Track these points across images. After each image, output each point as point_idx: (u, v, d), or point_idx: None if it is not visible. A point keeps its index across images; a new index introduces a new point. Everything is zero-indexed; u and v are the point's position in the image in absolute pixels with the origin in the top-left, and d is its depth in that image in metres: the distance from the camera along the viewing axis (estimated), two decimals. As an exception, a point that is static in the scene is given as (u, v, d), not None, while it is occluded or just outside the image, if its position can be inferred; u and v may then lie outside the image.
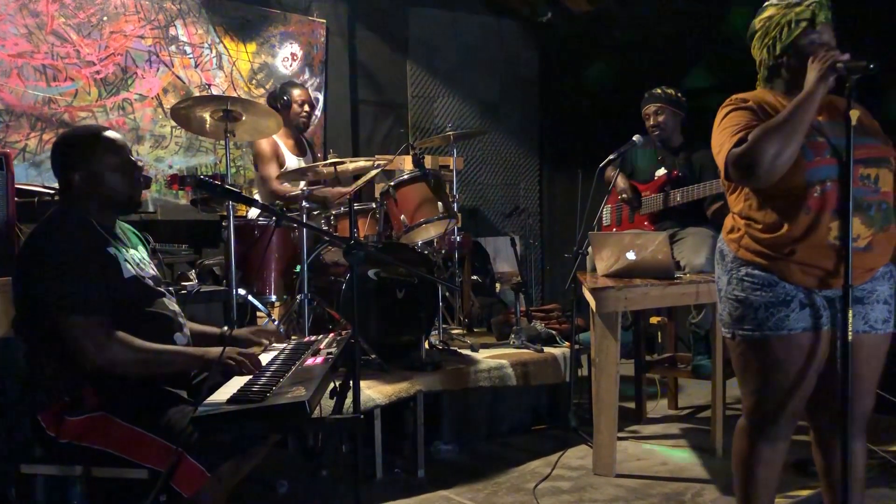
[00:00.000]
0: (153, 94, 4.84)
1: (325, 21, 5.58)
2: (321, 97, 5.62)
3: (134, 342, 1.98)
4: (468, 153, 6.57)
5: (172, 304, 2.25)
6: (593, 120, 6.36)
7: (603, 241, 3.53)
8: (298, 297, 3.54)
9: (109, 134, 2.21)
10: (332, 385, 2.17)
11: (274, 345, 2.46)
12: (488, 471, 3.39)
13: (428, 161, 5.04)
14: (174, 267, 4.09)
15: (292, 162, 4.34)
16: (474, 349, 3.94)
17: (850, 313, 1.96)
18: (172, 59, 4.92)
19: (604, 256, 3.52)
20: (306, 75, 5.51)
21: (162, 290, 2.25)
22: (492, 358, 3.76)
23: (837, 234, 1.99)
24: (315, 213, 4.02)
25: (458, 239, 4.40)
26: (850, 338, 1.96)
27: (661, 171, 4.07)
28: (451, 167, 5.99)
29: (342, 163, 3.71)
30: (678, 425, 4.05)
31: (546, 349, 3.97)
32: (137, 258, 2.26)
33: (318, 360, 2.15)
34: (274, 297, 3.88)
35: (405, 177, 4.00)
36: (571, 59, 6.88)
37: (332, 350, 2.26)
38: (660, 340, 5.20)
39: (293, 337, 3.33)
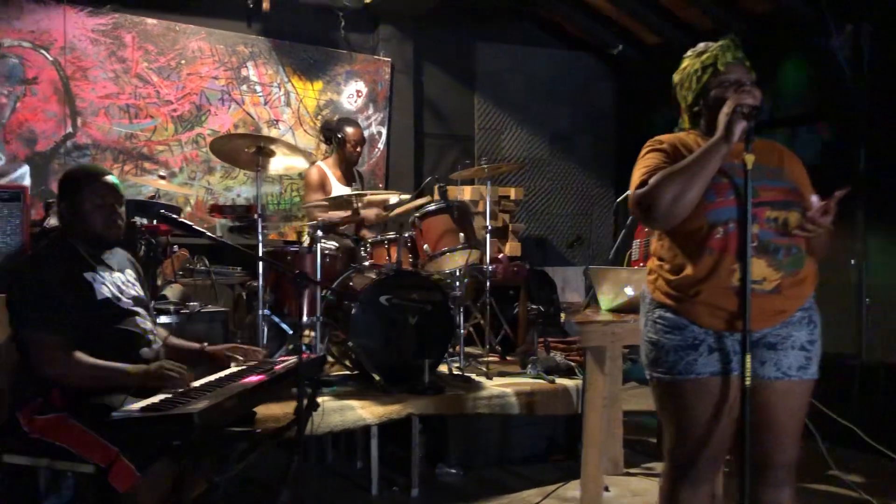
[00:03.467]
0: (225, 129, 5.31)
1: (390, 59, 5.89)
2: (384, 131, 5.92)
3: (84, 361, 2.26)
4: (537, 183, 6.67)
5: (145, 323, 2.54)
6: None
7: (602, 276, 3.54)
8: (310, 319, 3.78)
9: (101, 177, 2.51)
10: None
11: (247, 362, 2.69)
12: (481, 497, 3.48)
13: (486, 191, 5.12)
14: (226, 288, 4.47)
15: (339, 191, 4.64)
16: (489, 377, 4.03)
17: (749, 358, 1.94)
18: (243, 98, 5.39)
19: (604, 291, 3.53)
20: (370, 111, 5.84)
21: (138, 309, 2.54)
22: (500, 386, 3.84)
23: (741, 275, 1.98)
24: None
25: (514, 269, 4.52)
26: (747, 382, 1.95)
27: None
28: (511, 197, 6.11)
29: (364, 194, 3.95)
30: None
31: (561, 380, 3.99)
32: (121, 281, 2.56)
33: (255, 378, 2.36)
34: (305, 320, 4.16)
35: (430, 208, 4.18)
36: (648, 89, 6.83)
37: (278, 370, 2.46)
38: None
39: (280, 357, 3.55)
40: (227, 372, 2.53)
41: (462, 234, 4.13)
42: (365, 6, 5.72)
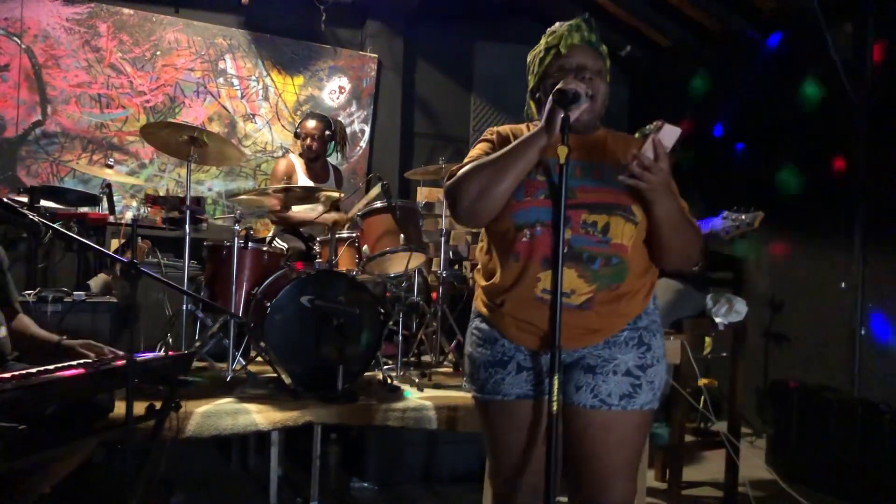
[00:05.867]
0: (198, 122, 5.25)
1: (376, 56, 5.72)
2: (367, 129, 5.75)
3: None
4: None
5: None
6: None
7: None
8: (222, 319, 3.64)
9: None
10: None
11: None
12: (386, 515, 3.26)
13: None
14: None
15: (304, 183, 4.52)
16: (420, 388, 3.80)
17: (556, 380, 1.68)
18: (219, 90, 5.31)
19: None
20: (353, 107, 5.69)
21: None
22: (423, 398, 3.60)
23: (547, 286, 1.72)
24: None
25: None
26: (554, 408, 1.67)
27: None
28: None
29: (293, 189, 3.79)
30: (653, 501, 3.61)
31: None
32: None
33: (70, 372, 2.20)
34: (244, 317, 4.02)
35: (371, 207, 3.98)
36: (659, 92, 6.48)
37: (102, 367, 2.30)
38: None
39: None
40: (54, 365, 2.39)
41: (403, 236, 3.91)
42: (353, 1, 5.58)
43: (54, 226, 2.13)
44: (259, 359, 4.01)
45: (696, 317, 3.49)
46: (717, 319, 3.38)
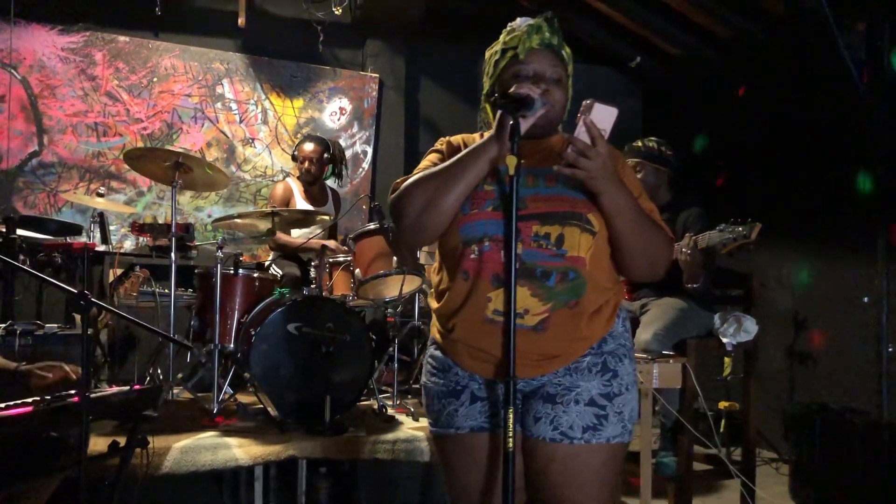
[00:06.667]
0: (196, 148, 5.17)
1: (377, 76, 5.62)
2: (370, 150, 5.64)
3: None
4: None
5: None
6: (700, 167, 5.71)
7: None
8: (207, 347, 3.51)
9: None
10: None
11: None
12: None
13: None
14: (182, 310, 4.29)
15: (302, 208, 4.41)
16: (416, 417, 3.62)
17: (511, 411, 1.49)
18: (217, 115, 5.24)
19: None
20: (354, 128, 5.58)
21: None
22: (415, 429, 3.42)
23: (498, 306, 1.55)
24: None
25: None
26: (509, 444, 1.49)
27: (641, 231, 3.51)
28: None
29: (282, 213, 3.67)
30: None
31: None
32: None
33: (13, 411, 2.08)
34: (232, 347, 3.90)
35: (364, 229, 3.84)
36: (673, 103, 6.28)
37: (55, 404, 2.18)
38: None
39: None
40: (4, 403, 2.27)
41: (396, 258, 3.76)
42: (352, 22, 5.49)
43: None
44: (252, 389, 3.88)
45: (703, 337, 3.27)
46: (725, 340, 3.16)
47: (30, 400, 2.33)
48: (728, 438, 4.37)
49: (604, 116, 1.46)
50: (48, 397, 2.27)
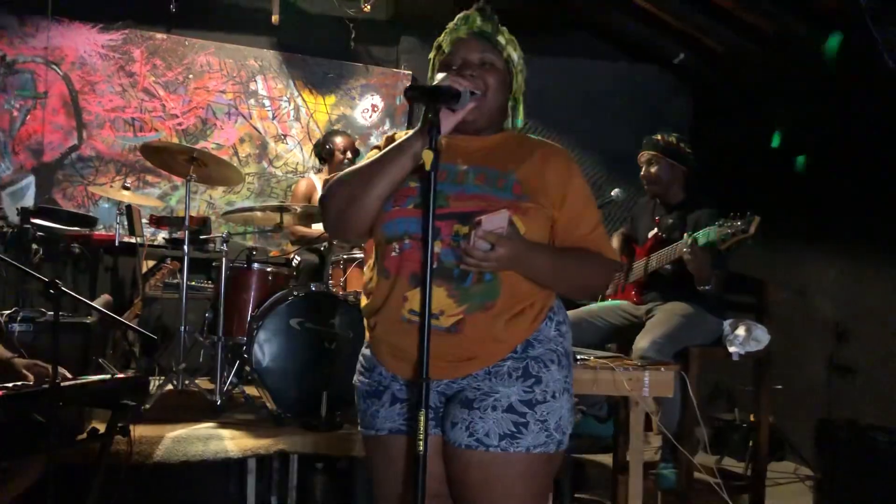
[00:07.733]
0: (230, 143, 5.26)
1: (410, 72, 5.59)
2: (402, 147, 5.62)
3: None
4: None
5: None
6: (748, 167, 5.47)
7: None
8: (211, 339, 3.55)
9: None
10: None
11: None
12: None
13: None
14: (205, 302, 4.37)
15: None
16: (418, 417, 3.58)
17: (423, 415, 1.44)
18: (251, 112, 5.32)
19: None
20: (386, 126, 5.57)
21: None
22: (414, 428, 3.38)
23: (414, 306, 1.50)
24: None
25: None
26: (420, 448, 1.44)
27: (653, 233, 3.39)
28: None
29: (288, 208, 3.69)
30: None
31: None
32: None
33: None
34: (242, 339, 3.94)
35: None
36: (720, 101, 6.04)
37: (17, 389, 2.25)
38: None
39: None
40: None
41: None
42: (387, 19, 5.49)
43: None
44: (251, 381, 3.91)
45: (711, 345, 3.11)
46: (732, 349, 3.00)
47: (10, 385, 2.41)
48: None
49: (495, 223, 1.43)
50: (19, 384, 2.32)
